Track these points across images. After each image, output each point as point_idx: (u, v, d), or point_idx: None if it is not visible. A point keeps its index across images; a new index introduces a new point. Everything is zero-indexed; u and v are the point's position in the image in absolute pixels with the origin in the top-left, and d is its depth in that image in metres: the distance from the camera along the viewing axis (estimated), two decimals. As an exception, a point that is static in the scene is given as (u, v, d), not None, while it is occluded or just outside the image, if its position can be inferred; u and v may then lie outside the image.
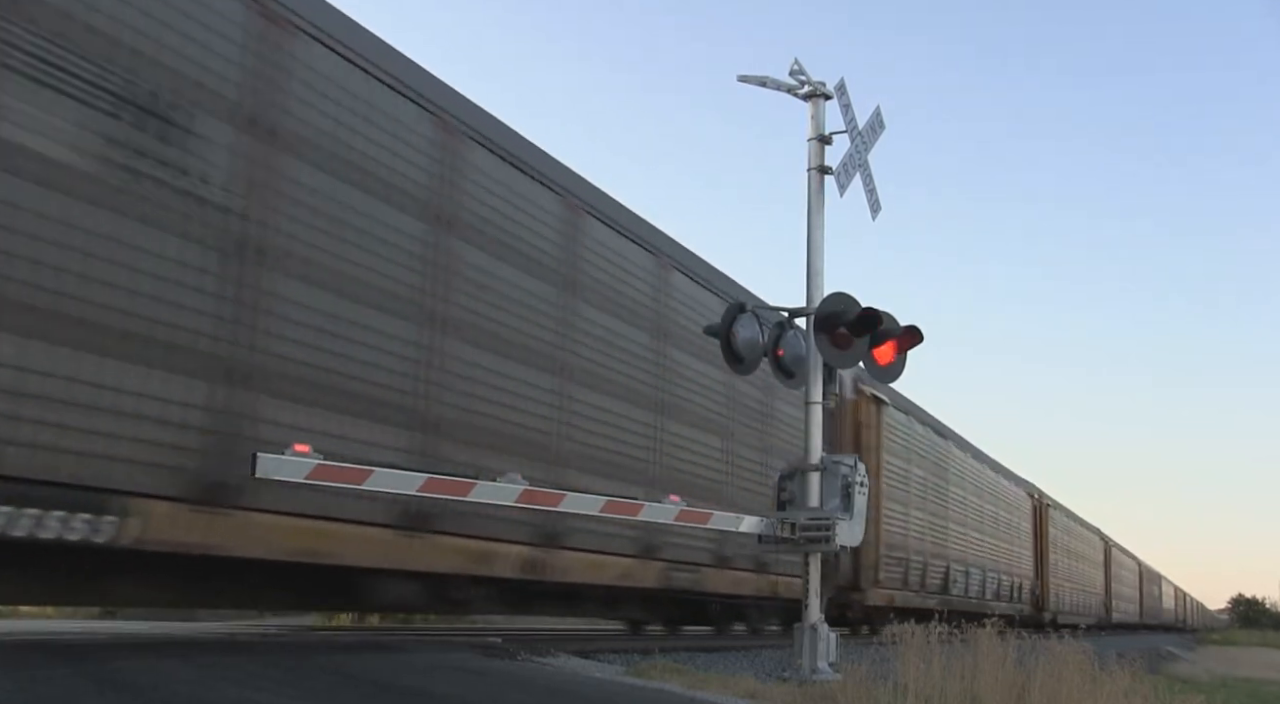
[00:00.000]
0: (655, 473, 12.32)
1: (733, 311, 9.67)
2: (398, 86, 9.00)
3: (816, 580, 9.19)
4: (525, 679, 7.12)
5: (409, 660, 7.35)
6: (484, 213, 9.90)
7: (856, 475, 9.27)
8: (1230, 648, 47.75)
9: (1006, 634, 8.75)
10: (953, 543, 23.41)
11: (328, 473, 6.35)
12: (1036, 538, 32.36)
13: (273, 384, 7.63)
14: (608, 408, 11.58)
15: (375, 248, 8.59)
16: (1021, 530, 30.58)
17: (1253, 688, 21.05)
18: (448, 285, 9.32)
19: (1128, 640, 33.42)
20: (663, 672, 8.20)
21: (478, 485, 7.30)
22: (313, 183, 8.08)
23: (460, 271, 9.50)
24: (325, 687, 5.82)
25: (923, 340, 9.41)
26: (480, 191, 9.89)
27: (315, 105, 8.18)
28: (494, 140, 10.21)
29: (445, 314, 9.27)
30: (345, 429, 8.08)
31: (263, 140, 7.72)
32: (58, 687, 4.81)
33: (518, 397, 10.11)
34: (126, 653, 6.46)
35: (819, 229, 9.64)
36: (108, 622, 13.54)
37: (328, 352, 8.07)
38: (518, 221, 10.36)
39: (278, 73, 7.90)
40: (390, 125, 8.89)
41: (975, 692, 7.67)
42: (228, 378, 7.30)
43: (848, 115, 9.79)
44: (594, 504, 8.44)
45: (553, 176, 11.07)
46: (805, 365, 9.58)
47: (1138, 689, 8.52)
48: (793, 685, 8.26)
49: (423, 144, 9.23)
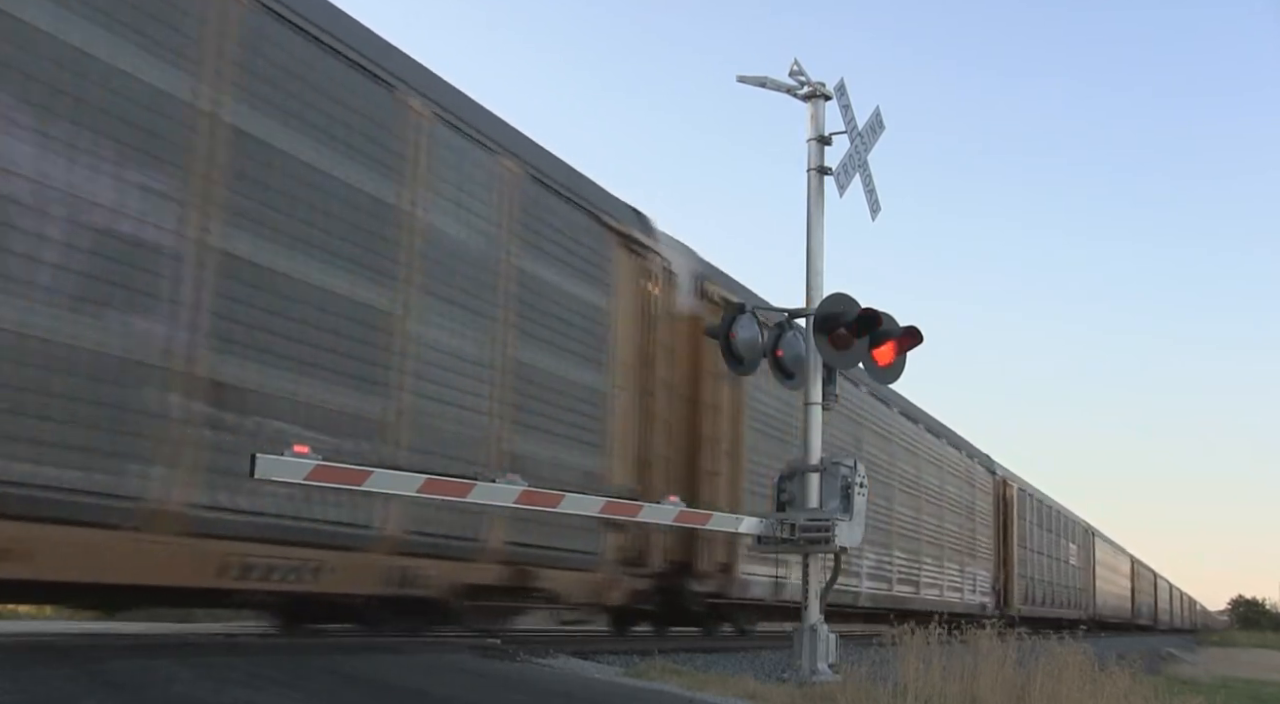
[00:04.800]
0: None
1: (733, 312, 9.68)
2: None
3: (816, 581, 9.20)
4: (524, 680, 7.12)
5: (409, 661, 7.34)
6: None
7: (856, 476, 9.27)
8: (1230, 649, 47.73)
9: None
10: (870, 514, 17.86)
11: (327, 474, 6.34)
12: (1000, 522, 27.92)
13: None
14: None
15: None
16: (978, 511, 25.90)
17: (1253, 689, 21.05)
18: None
19: (1126, 642, 33.32)
20: (661, 672, 8.20)
21: (477, 486, 7.29)
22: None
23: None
24: (325, 687, 5.82)
25: (922, 341, 9.43)
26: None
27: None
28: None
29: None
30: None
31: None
32: (57, 687, 4.80)
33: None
34: (126, 653, 6.45)
35: (819, 230, 9.65)
36: (107, 622, 13.53)
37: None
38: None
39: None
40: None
41: (975, 693, 7.68)
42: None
43: (847, 116, 9.80)
44: (594, 504, 8.44)
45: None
46: (805, 366, 9.59)
47: (1138, 690, 8.53)
48: (792, 686, 8.27)
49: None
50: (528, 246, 9.74)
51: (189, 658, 6.30)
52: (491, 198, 9.37)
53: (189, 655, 6.54)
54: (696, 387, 12.61)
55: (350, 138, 8.01)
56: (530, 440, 9.58)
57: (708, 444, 12.67)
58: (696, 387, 12.61)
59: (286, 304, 7.41)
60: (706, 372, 12.70)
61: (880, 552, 18.30)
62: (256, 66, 7.34)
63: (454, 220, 8.93)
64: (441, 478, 7.29)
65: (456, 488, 7.30)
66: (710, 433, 12.73)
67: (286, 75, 7.57)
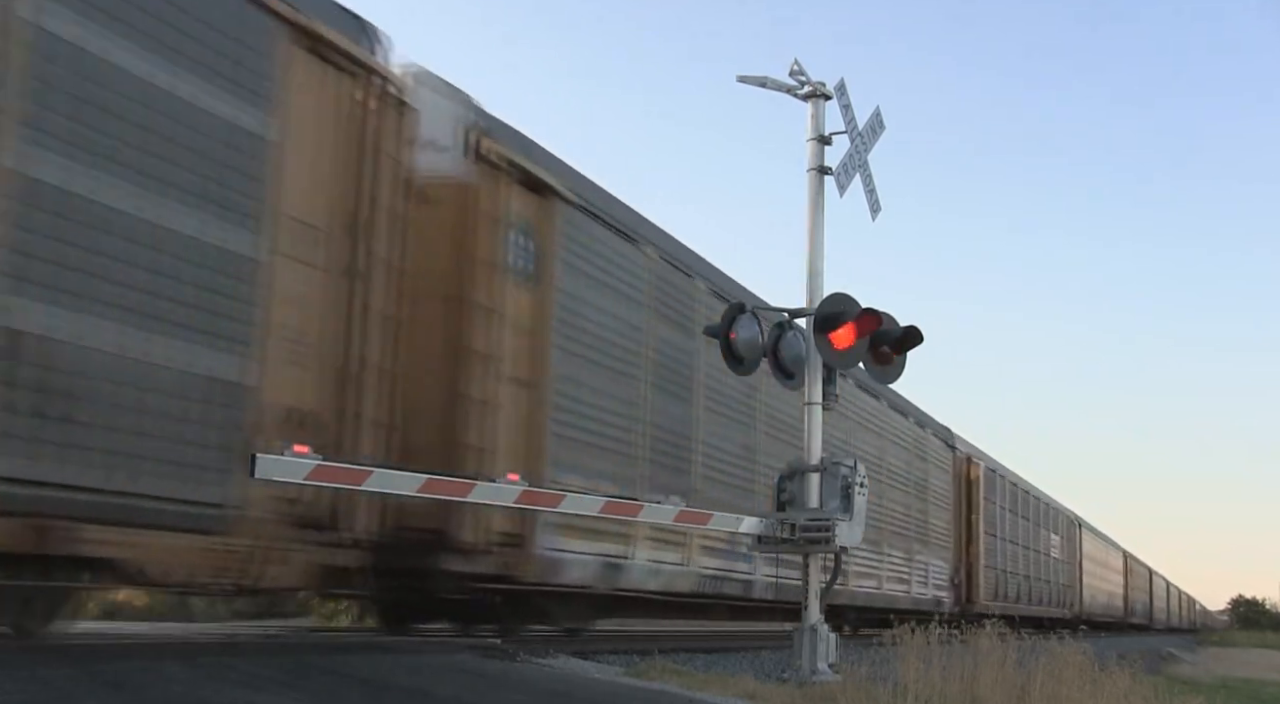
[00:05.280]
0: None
1: (732, 312, 9.67)
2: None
3: (816, 581, 9.20)
4: (525, 680, 7.12)
5: (409, 661, 7.34)
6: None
7: (856, 476, 9.28)
8: (1230, 649, 47.77)
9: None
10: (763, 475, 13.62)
11: (327, 473, 6.34)
12: (962, 505, 24.43)
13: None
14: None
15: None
16: (933, 490, 22.19)
17: (1253, 689, 21.10)
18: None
19: (1126, 642, 33.31)
20: (662, 672, 8.20)
21: (477, 486, 7.29)
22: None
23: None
24: (325, 687, 5.82)
25: (922, 341, 9.43)
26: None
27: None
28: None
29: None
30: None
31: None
32: (57, 687, 4.80)
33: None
34: (125, 653, 6.45)
35: (819, 230, 9.66)
36: (107, 622, 13.55)
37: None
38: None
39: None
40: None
41: (975, 693, 7.68)
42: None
43: (847, 116, 9.80)
44: (594, 504, 8.44)
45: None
46: (805, 366, 9.59)
47: (1138, 690, 8.54)
48: (792, 687, 8.27)
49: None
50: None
51: (189, 658, 6.30)
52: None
53: (189, 655, 6.54)
54: (462, 282, 9.20)
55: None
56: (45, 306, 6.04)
57: (478, 363, 9.15)
58: (462, 282, 9.20)
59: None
60: (481, 262, 9.25)
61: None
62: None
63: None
64: (442, 478, 7.26)
65: (457, 488, 7.30)
66: (484, 348, 9.19)
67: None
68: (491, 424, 9.22)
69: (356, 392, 8.01)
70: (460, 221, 9.27)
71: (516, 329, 9.59)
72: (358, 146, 8.20)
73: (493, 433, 9.22)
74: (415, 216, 8.72)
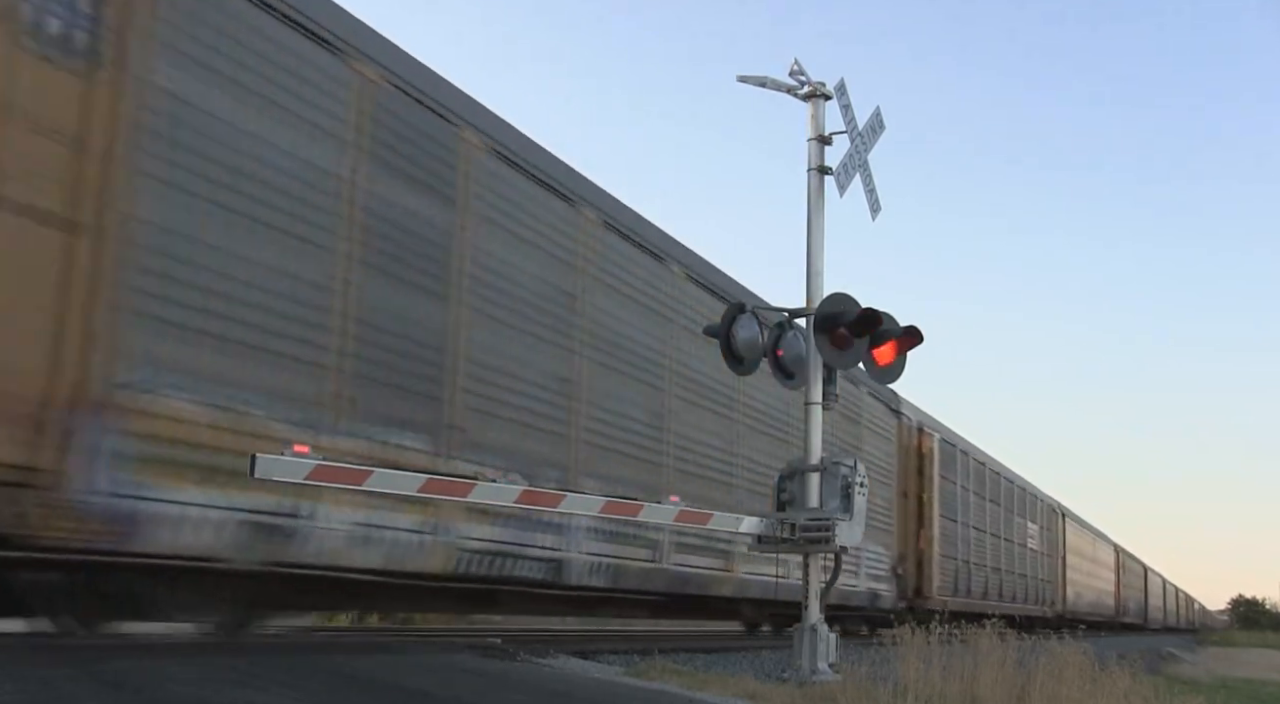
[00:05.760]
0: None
1: (733, 312, 9.67)
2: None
3: (817, 581, 9.19)
4: (525, 679, 7.12)
5: (409, 661, 7.35)
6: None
7: (856, 476, 9.27)
8: (1230, 649, 47.75)
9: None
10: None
11: (327, 473, 6.34)
12: (910, 483, 21.14)
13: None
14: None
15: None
16: (868, 462, 15.53)
17: (1253, 689, 21.09)
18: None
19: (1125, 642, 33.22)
20: (662, 672, 8.21)
21: (478, 486, 7.29)
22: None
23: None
24: (325, 687, 5.82)
25: (923, 341, 9.43)
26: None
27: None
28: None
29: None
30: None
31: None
32: (57, 687, 4.81)
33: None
34: (126, 653, 6.45)
35: (819, 229, 9.65)
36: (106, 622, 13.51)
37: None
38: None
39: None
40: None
41: (975, 693, 7.68)
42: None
43: (848, 116, 9.79)
44: (594, 504, 8.44)
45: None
46: (805, 366, 9.58)
47: (1138, 690, 8.54)
48: (792, 686, 8.26)
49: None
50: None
51: (189, 658, 6.30)
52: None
53: (189, 655, 6.54)
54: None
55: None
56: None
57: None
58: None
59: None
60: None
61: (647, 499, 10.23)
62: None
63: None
64: (443, 478, 7.30)
65: (458, 488, 7.31)
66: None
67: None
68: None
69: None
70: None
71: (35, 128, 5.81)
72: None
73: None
74: None
